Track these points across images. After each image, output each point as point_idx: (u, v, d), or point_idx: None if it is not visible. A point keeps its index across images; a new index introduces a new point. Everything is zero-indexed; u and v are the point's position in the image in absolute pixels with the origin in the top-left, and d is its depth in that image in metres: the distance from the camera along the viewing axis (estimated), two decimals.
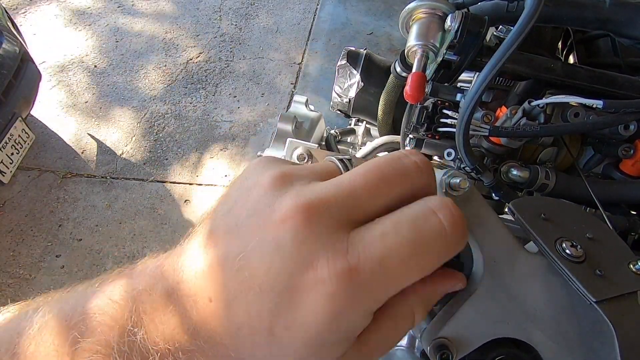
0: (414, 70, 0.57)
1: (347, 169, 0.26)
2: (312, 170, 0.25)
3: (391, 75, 0.78)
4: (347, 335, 0.22)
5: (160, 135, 2.63)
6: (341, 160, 0.26)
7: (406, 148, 0.73)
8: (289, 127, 0.97)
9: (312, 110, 1.13)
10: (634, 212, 0.61)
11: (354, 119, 1.29)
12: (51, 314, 0.24)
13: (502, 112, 0.60)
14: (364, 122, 1.22)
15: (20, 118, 2.11)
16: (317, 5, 3.40)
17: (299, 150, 0.45)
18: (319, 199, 0.22)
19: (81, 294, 0.25)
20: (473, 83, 0.68)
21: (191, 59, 3.01)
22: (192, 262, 0.23)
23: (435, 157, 0.71)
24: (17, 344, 0.23)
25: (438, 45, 0.59)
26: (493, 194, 0.60)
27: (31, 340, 0.23)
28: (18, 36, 2.23)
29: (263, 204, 0.22)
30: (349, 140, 1.26)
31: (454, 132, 0.53)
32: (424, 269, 0.22)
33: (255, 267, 0.21)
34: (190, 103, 2.78)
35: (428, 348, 0.27)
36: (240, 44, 3.12)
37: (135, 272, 0.25)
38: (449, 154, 0.63)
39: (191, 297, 0.22)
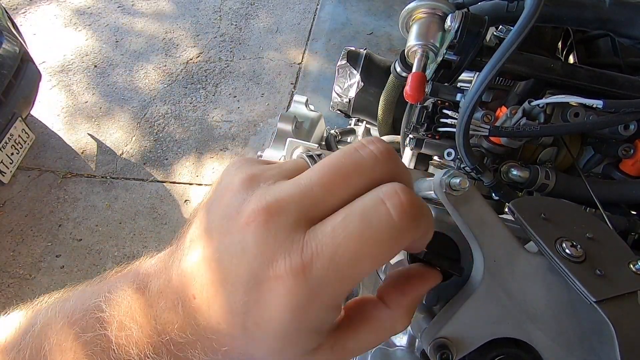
0: (414, 70, 0.57)
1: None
2: (280, 170, 0.26)
3: (391, 75, 0.78)
4: (314, 327, 0.24)
5: (160, 135, 2.63)
6: (310, 157, 0.27)
7: (381, 137, 0.72)
8: (289, 127, 0.97)
9: (312, 110, 1.13)
10: (634, 212, 0.61)
11: (354, 119, 1.29)
12: (53, 312, 0.26)
13: (502, 112, 0.60)
14: (364, 122, 1.22)
15: (20, 118, 2.11)
16: (317, 5, 3.40)
17: (299, 150, 0.45)
18: (277, 201, 0.23)
19: (80, 293, 0.27)
20: (473, 83, 0.68)
21: (191, 59, 3.01)
22: (178, 262, 0.25)
23: (435, 157, 0.71)
24: (36, 343, 0.26)
25: (438, 45, 0.59)
26: (493, 194, 0.60)
27: (34, 339, 0.26)
28: (18, 36, 2.23)
29: (232, 207, 0.24)
30: (349, 140, 1.26)
31: (454, 132, 0.53)
32: (376, 260, 0.22)
33: (226, 268, 0.23)
34: (190, 103, 2.78)
35: (428, 348, 0.27)
36: (240, 44, 3.12)
37: (131, 271, 0.27)
38: (449, 154, 0.63)
39: (178, 295, 0.24)
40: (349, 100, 0.92)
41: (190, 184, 2.44)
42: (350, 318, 0.26)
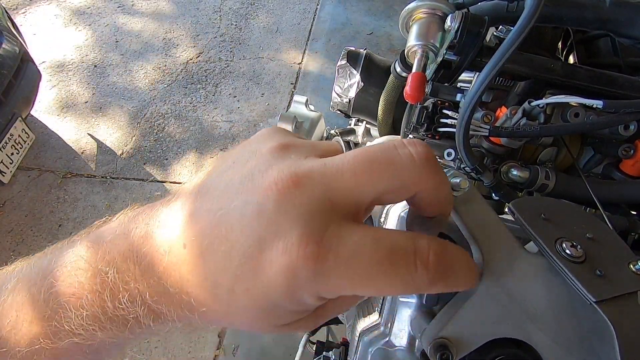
0: (414, 70, 0.57)
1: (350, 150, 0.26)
2: (313, 146, 0.25)
3: (391, 75, 0.78)
4: (298, 310, 0.23)
5: (160, 135, 2.63)
6: (347, 142, 0.27)
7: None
8: (289, 127, 0.97)
9: (312, 110, 1.13)
10: (634, 212, 0.61)
11: (354, 119, 1.29)
12: (28, 267, 0.26)
13: (502, 112, 0.60)
14: (364, 122, 1.22)
15: (20, 118, 2.11)
16: (317, 5, 3.40)
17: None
18: (305, 174, 0.22)
19: (59, 247, 0.26)
20: (473, 83, 0.68)
21: (191, 59, 3.01)
22: (175, 211, 0.24)
23: None
24: None
25: (438, 45, 0.59)
26: (493, 194, 0.60)
27: (8, 293, 0.25)
28: (18, 36, 2.23)
29: (257, 170, 0.23)
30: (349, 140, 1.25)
31: (454, 132, 0.53)
32: (382, 288, 0.22)
33: (232, 225, 0.22)
34: (190, 103, 2.78)
35: (428, 348, 0.27)
36: (240, 44, 3.12)
37: (115, 219, 0.26)
38: (449, 154, 0.63)
39: (167, 242, 0.23)
40: (349, 100, 0.92)
41: None
42: None
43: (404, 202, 0.28)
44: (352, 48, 0.95)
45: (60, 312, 0.23)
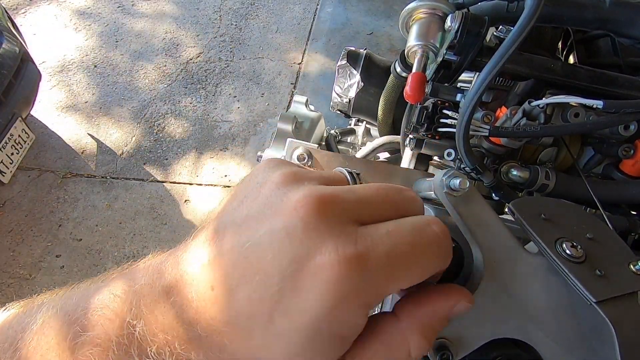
0: (414, 70, 0.57)
1: (354, 181, 0.27)
2: (321, 175, 0.26)
3: (391, 75, 0.78)
4: (342, 334, 0.22)
5: (160, 135, 2.63)
6: (350, 173, 0.27)
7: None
8: (289, 127, 0.97)
9: (312, 110, 1.13)
10: (634, 212, 0.61)
11: (354, 119, 1.29)
12: (54, 309, 0.24)
13: (502, 112, 0.60)
14: (364, 122, 1.22)
15: (20, 118, 2.11)
16: (317, 5, 3.40)
17: (299, 151, 0.45)
18: (331, 194, 0.22)
19: (84, 290, 0.25)
20: (473, 83, 0.68)
21: (191, 59, 3.01)
22: (198, 255, 0.23)
23: (436, 158, 0.71)
24: (20, 339, 0.24)
25: (438, 45, 0.59)
26: (493, 194, 0.60)
27: (33, 335, 0.24)
28: (18, 36, 2.23)
29: (275, 197, 0.23)
30: (349, 140, 1.26)
31: (454, 132, 0.53)
32: (422, 270, 0.23)
33: (263, 253, 0.21)
34: (190, 103, 2.78)
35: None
36: (240, 44, 3.12)
37: (138, 268, 0.25)
38: (449, 154, 0.63)
39: (193, 287, 0.22)
40: (349, 100, 0.92)
41: (190, 184, 2.44)
42: (366, 339, 0.24)
43: None
44: (352, 48, 0.95)
45: None
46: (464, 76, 0.68)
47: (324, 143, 1.16)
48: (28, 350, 0.24)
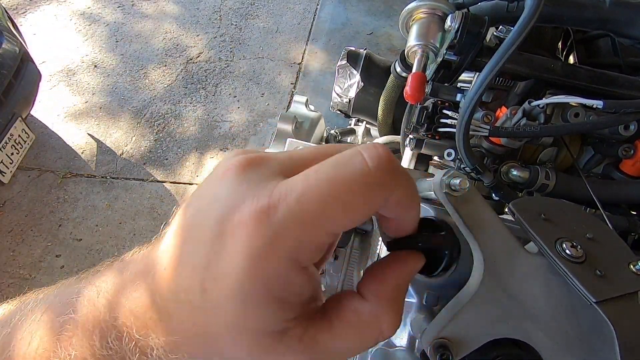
0: (414, 70, 0.57)
1: None
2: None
3: (391, 75, 0.78)
4: (277, 295, 0.20)
5: (160, 135, 2.63)
6: None
7: (377, 140, 0.72)
8: (289, 127, 0.97)
9: (312, 110, 1.13)
10: (634, 212, 0.61)
11: (354, 119, 1.29)
12: (44, 304, 0.25)
13: (502, 112, 0.60)
14: (364, 122, 1.22)
15: (20, 118, 2.11)
16: (317, 5, 3.40)
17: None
18: (258, 155, 0.22)
19: (70, 287, 0.26)
20: (473, 83, 0.68)
21: (191, 59, 3.01)
22: (163, 239, 0.23)
23: (436, 157, 0.71)
24: (9, 334, 0.25)
25: (438, 45, 0.59)
26: (493, 194, 0.60)
27: (23, 333, 0.24)
28: (18, 36, 2.23)
29: (217, 167, 0.23)
30: (349, 141, 1.26)
31: (454, 132, 0.53)
32: (346, 210, 0.20)
33: (194, 224, 0.21)
34: (190, 103, 2.78)
35: (428, 348, 0.27)
36: (240, 44, 3.12)
37: (123, 262, 0.26)
38: (449, 154, 0.63)
39: (152, 270, 0.22)
40: (349, 100, 0.92)
41: (191, 183, 2.44)
42: (325, 310, 0.23)
43: None
44: (352, 48, 0.95)
45: None
46: (464, 76, 0.68)
47: (324, 143, 1.16)
48: (19, 346, 0.24)
